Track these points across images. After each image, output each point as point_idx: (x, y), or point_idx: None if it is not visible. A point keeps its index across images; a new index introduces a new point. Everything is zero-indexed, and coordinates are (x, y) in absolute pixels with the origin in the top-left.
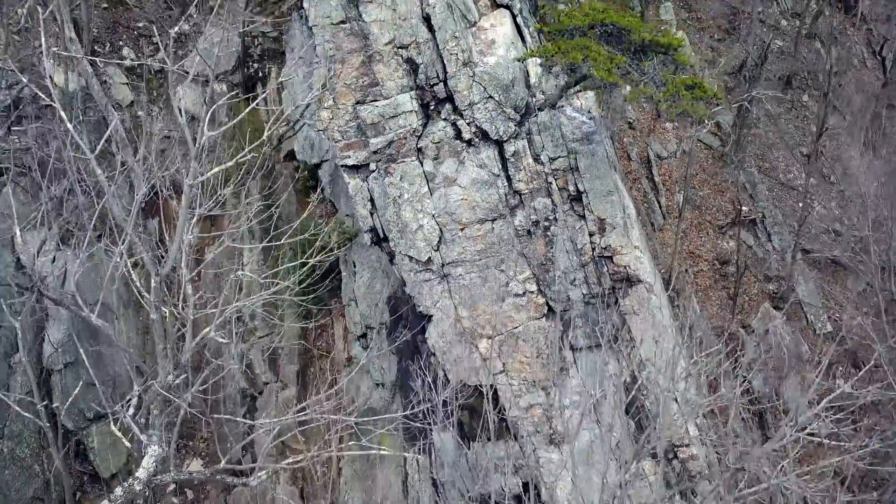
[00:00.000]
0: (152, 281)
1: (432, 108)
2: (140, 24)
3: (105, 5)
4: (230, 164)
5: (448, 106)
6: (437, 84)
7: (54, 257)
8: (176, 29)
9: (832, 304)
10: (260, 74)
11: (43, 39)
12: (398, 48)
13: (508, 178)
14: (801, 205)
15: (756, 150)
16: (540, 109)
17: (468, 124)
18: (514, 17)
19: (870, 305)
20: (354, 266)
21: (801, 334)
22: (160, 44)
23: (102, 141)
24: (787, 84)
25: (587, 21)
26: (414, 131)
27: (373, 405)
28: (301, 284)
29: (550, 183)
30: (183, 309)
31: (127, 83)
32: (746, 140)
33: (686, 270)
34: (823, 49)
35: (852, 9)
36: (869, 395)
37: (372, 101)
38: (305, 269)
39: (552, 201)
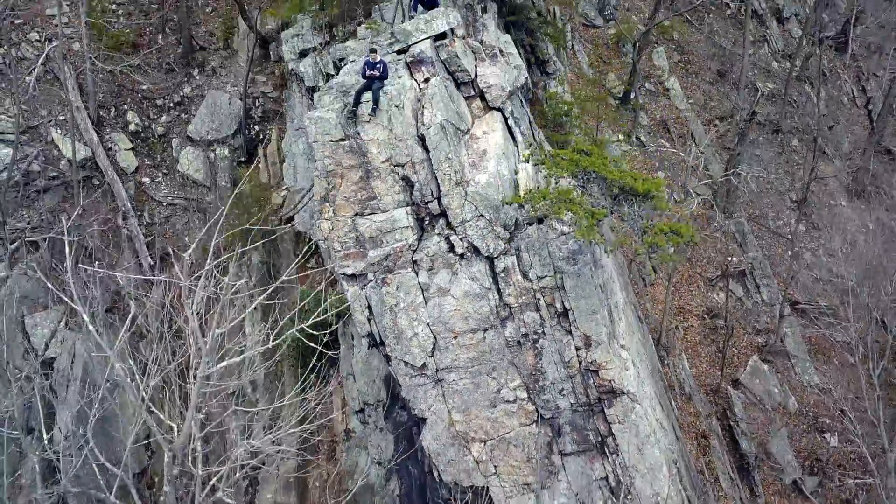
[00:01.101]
0: (164, 455)
1: (427, 222)
2: (144, 87)
3: (110, 69)
4: (237, 359)
5: (442, 221)
6: (431, 201)
7: (62, 337)
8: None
9: (819, 356)
10: (261, 136)
11: None
12: (395, 166)
13: (499, 292)
14: (790, 253)
15: (746, 197)
16: (529, 224)
17: (461, 239)
18: (505, 119)
19: (858, 355)
20: (352, 339)
21: (789, 386)
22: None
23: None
24: (776, 129)
25: (572, 168)
26: (410, 245)
27: (370, 482)
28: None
29: (538, 299)
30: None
31: (132, 148)
32: (735, 191)
33: (676, 327)
34: (813, 91)
35: (843, 47)
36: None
37: (370, 215)
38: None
39: (540, 316)
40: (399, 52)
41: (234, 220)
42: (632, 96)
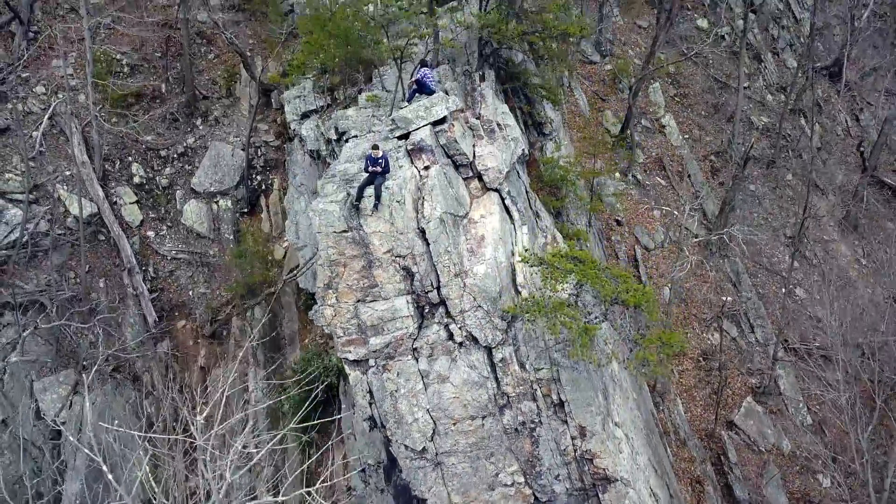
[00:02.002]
0: None
1: (427, 310)
2: (148, 138)
3: (114, 120)
4: (241, 445)
5: (441, 310)
6: (431, 291)
7: (71, 402)
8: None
9: (812, 397)
10: (263, 186)
11: None
12: (396, 257)
13: (497, 381)
14: (784, 290)
15: (741, 233)
16: (525, 313)
17: (460, 328)
18: (502, 199)
19: (850, 394)
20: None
21: (783, 427)
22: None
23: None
24: (771, 162)
25: (566, 278)
26: (410, 334)
27: None
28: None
29: (535, 389)
30: None
31: (136, 201)
32: (731, 228)
33: (671, 370)
34: (807, 124)
35: (837, 76)
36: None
37: (372, 302)
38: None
39: (537, 406)
40: (400, 137)
41: (237, 274)
42: (628, 133)
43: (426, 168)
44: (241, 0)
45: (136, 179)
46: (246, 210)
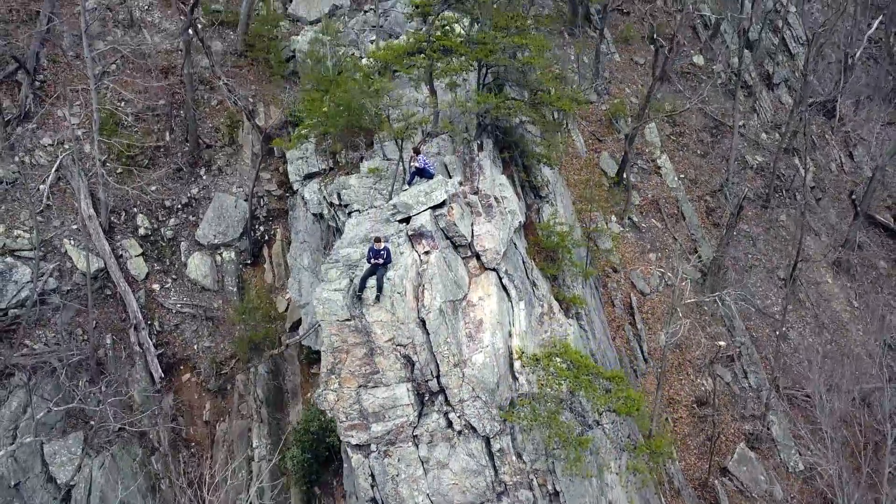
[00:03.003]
0: None
1: (427, 398)
2: (153, 189)
3: (120, 171)
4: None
5: (441, 397)
6: (430, 380)
7: (80, 465)
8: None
9: (805, 443)
10: (265, 237)
11: None
12: (397, 346)
13: (495, 469)
14: (777, 333)
15: (735, 276)
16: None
17: (458, 417)
18: (500, 278)
19: (841, 440)
20: None
21: (775, 473)
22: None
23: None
24: (765, 203)
25: (561, 386)
26: (410, 422)
27: None
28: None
29: (532, 479)
30: None
31: (142, 254)
32: (725, 274)
33: (666, 419)
34: (801, 163)
35: (832, 111)
36: None
37: (373, 388)
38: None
39: (534, 495)
40: (401, 220)
41: (241, 329)
42: (624, 176)
43: (426, 253)
44: (243, 46)
45: (142, 231)
46: (249, 262)
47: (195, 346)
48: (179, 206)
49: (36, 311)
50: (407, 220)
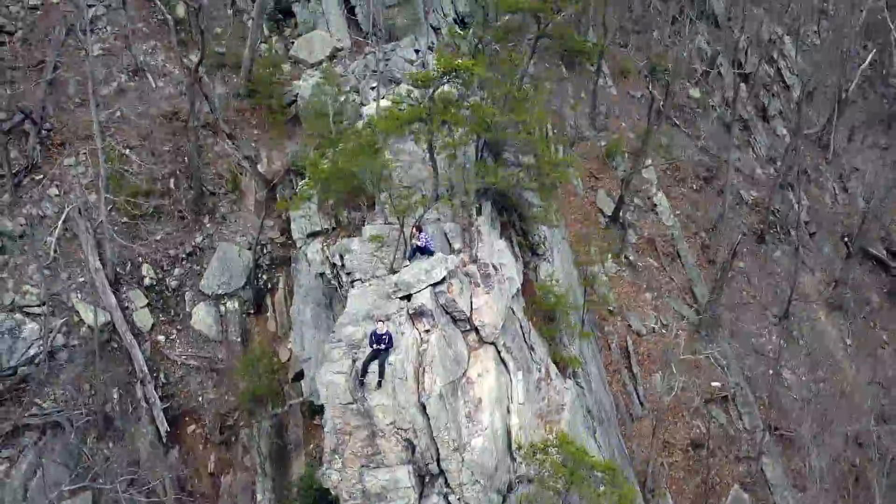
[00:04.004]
0: None
1: (427, 480)
2: (158, 238)
3: (125, 220)
4: None
5: (441, 480)
6: (431, 463)
7: None
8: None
9: (798, 484)
10: (268, 286)
11: None
12: (398, 429)
13: None
14: (771, 372)
15: (730, 314)
16: (520, 482)
17: (458, 500)
18: (498, 352)
19: (834, 480)
20: None
21: None
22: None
23: None
24: (760, 238)
25: (558, 482)
26: None
27: None
28: None
29: None
30: None
31: (147, 304)
32: (720, 318)
33: (661, 464)
34: (795, 198)
35: (826, 142)
36: None
37: (375, 469)
38: None
39: None
40: (402, 297)
41: (245, 383)
42: (621, 215)
43: (427, 331)
44: (246, 89)
45: (147, 281)
46: (252, 311)
47: (200, 398)
48: (184, 255)
49: (44, 369)
50: (408, 298)
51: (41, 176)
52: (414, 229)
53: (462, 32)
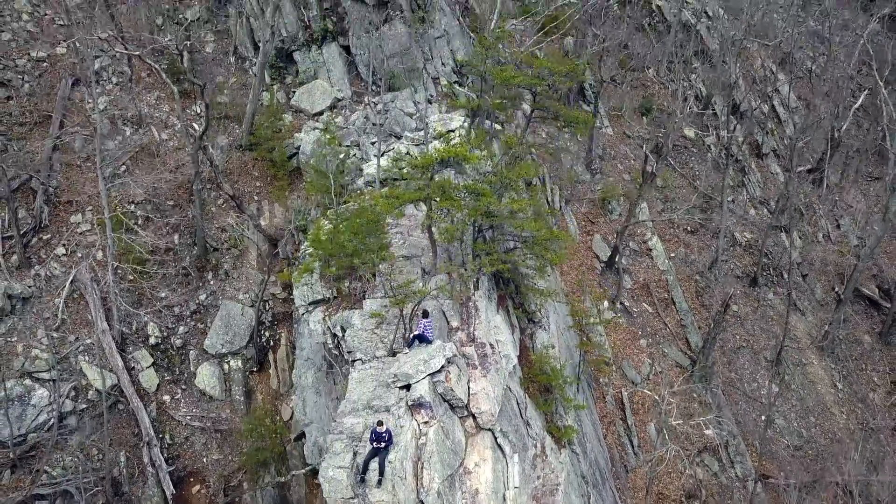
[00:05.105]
0: None
1: None
2: (162, 296)
3: (131, 277)
4: None
5: None
6: None
7: None
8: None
9: None
10: (271, 343)
11: None
12: None
13: None
14: (763, 418)
15: (724, 358)
16: None
17: None
18: (495, 438)
19: None
20: None
21: None
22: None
23: None
24: (753, 281)
25: None
26: None
27: None
28: None
29: None
30: None
31: (153, 364)
32: (713, 360)
33: None
34: (788, 239)
35: (819, 179)
36: None
37: None
38: None
39: None
40: (402, 387)
41: (248, 439)
42: (617, 260)
43: (425, 423)
44: (248, 141)
45: (152, 340)
46: (255, 369)
47: (205, 459)
48: (188, 312)
49: (54, 436)
50: (407, 387)
51: (49, 236)
52: (419, 314)
53: (460, 85)
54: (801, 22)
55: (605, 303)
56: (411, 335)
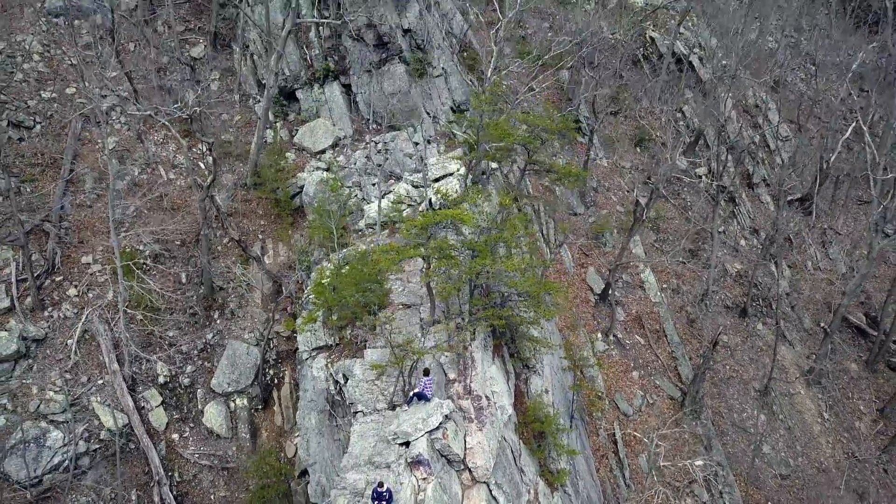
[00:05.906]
0: None
1: None
2: (171, 334)
3: (140, 317)
4: None
5: None
6: None
7: None
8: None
9: None
10: (275, 381)
11: None
12: None
13: None
14: (752, 447)
15: (713, 389)
16: None
17: None
18: (490, 490)
19: None
20: None
21: None
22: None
23: None
24: (743, 312)
25: None
26: None
27: None
28: None
29: None
30: None
31: (161, 403)
32: (703, 393)
33: None
34: (777, 270)
35: (809, 208)
36: None
37: None
38: None
39: None
40: (401, 444)
41: (254, 477)
42: (610, 293)
43: (424, 479)
44: (253, 180)
45: (161, 379)
46: (260, 407)
47: (212, 497)
48: (196, 351)
49: (69, 477)
50: (406, 444)
51: (60, 277)
52: (419, 371)
53: (458, 127)
54: (794, 44)
55: (599, 335)
56: (412, 392)
